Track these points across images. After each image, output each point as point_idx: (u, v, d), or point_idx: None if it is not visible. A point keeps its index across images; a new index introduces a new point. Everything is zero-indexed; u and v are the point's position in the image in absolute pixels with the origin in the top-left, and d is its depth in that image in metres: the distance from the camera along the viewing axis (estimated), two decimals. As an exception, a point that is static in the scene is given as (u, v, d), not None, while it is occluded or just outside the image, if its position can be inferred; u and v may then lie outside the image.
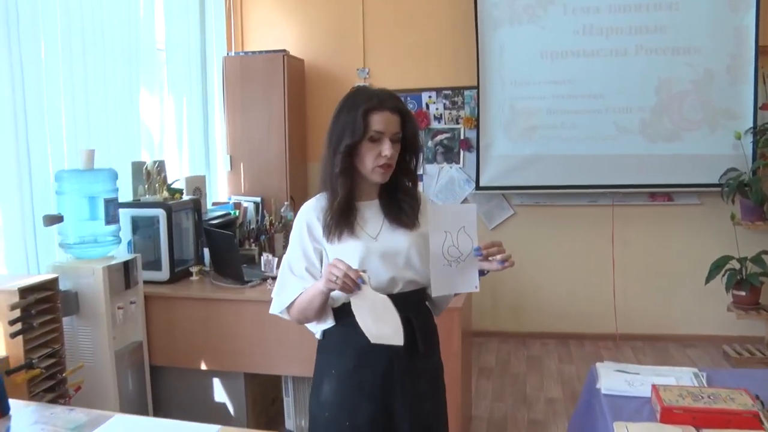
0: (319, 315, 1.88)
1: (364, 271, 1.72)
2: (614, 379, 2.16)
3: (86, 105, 3.39)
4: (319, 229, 1.89)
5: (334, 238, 1.86)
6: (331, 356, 1.92)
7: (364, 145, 1.82)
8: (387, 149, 1.81)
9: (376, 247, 1.85)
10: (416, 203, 1.93)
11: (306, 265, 1.90)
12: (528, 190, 5.18)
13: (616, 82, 4.87)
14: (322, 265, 1.91)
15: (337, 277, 1.69)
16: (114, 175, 3.19)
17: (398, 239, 1.88)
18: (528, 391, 4.22)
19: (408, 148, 1.89)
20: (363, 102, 1.82)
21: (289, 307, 1.92)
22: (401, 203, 1.91)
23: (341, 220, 1.86)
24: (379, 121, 1.81)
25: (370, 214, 1.91)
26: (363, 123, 1.80)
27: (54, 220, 2.99)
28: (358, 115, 1.80)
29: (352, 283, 1.70)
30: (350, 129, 1.82)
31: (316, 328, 1.95)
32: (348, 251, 1.84)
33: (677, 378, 2.16)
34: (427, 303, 1.98)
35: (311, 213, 1.92)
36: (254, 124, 4.90)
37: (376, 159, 1.83)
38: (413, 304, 1.90)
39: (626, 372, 2.23)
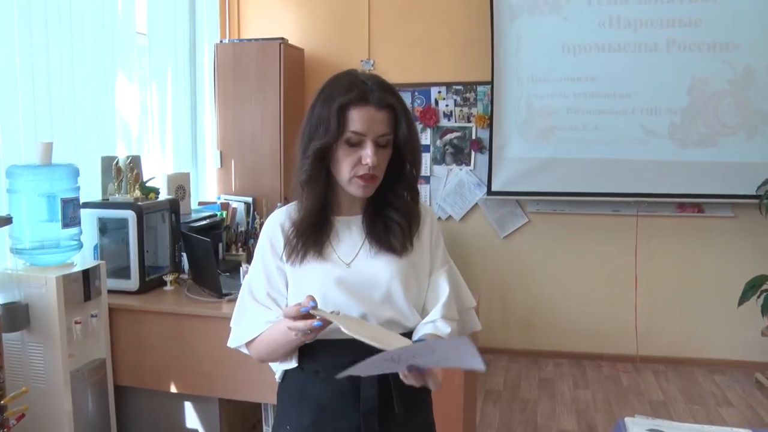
0: (289, 356, 1.51)
1: (312, 299, 1.34)
2: (649, 442, 1.75)
3: (48, 92, 3.01)
4: (282, 247, 1.51)
5: (296, 260, 1.48)
6: (287, 407, 1.55)
7: (340, 148, 1.43)
8: (369, 155, 1.41)
9: (345, 276, 1.47)
10: (410, 222, 1.53)
11: (268, 289, 1.52)
12: (544, 197, 4.76)
13: (644, 81, 4.44)
14: (288, 290, 1.52)
15: (303, 332, 1.35)
16: (74, 172, 2.83)
17: (378, 267, 1.48)
18: (539, 421, 3.80)
19: (402, 152, 1.49)
20: (340, 93, 1.42)
21: (249, 342, 1.54)
22: (389, 221, 1.51)
23: (306, 237, 1.48)
24: (359, 119, 1.41)
25: (348, 233, 1.52)
26: (338, 121, 1.40)
27: (1, 222, 2.62)
28: (332, 111, 1.41)
29: (316, 329, 1.34)
30: (323, 127, 1.42)
31: (278, 368, 1.57)
32: (309, 278, 1.46)
33: (727, 443, 1.75)
34: None
35: (276, 226, 1.54)
36: (247, 117, 4.53)
37: (355, 167, 1.43)
38: None
39: (662, 431, 1.82)
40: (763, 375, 4.36)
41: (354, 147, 1.42)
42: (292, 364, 1.51)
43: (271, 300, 1.51)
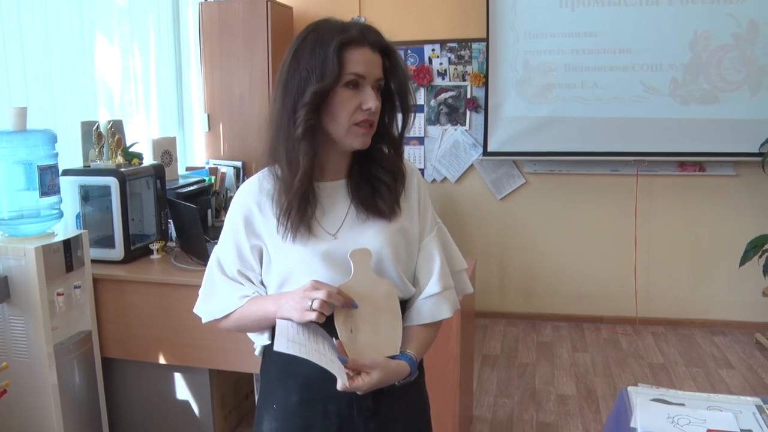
0: (260, 331, 1.44)
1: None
2: (653, 413, 1.67)
3: (21, 55, 2.87)
4: (260, 222, 1.39)
5: (287, 236, 1.35)
6: (272, 384, 1.44)
7: (339, 93, 1.29)
8: (371, 99, 1.30)
9: (332, 249, 1.35)
10: (396, 180, 1.41)
11: (239, 266, 1.42)
12: (542, 157, 4.63)
13: (644, 36, 4.29)
14: (262, 267, 1.42)
15: (313, 301, 1.26)
16: (51, 138, 2.70)
17: (366, 238, 1.37)
18: (537, 386, 3.75)
19: (392, 102, 1.38)
20: (335, 33, 1.28)
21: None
22: (375, 181, 1.39)
23: (297, 208, 1.34)
24: (359, 60, 1.29)
25: (331, 200, 1.40)
26: (338, 60, 1.27)
27: (-26, 191, 2.52)
28: (330, 51, 1.27)
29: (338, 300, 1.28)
30: (318, 71, 1.28)
31: (256, 340, 1.49)
32: (294, 254, 1.35)
33: (735, 413, 1.66)
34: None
35: (250, 200, 1.41)
36: (235, 79, 4.37)
37: (354, 113, 1.30)
38: None
39: (667, 402, 1.74)
40: (764, 336, 4.30)
41: (353, 91, 1.30)
42: (264, 339, 1.44)
43: (243, 276, 1.42)
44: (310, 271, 1.33)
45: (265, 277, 1.42)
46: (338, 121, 1.32)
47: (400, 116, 1.42)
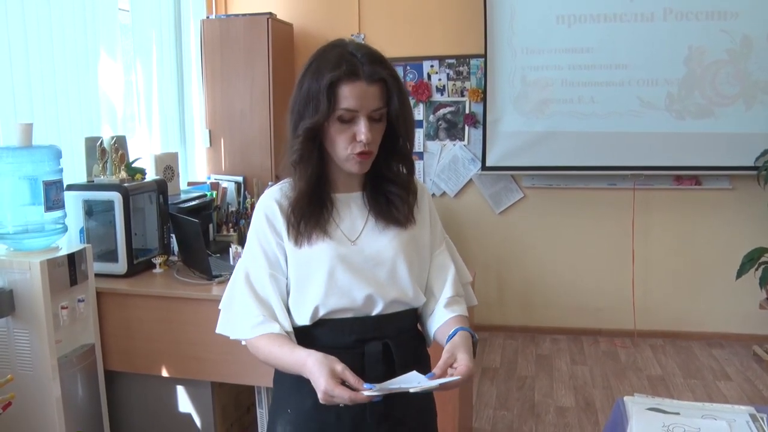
0: None
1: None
2: (649, 422, 1.70)
3: (27, 72, 2.92)
4: (281, 224, 1.45)
5: (304, 241, 1.42)
6: (286, 391, 1.49)
7: (333, 126, 1.37)
8: (363, 132, 1.36)
9: (350, 255, 1.43)
10: (408, 194, 1.49)
11: (270, 270, 1.45)
12: (540, 171, 4.68)
13: (640, 51, 4.35)
14: (288, 267, 1.46)
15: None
16: (56, 153, 2.74)
17: (383, 243, 1.45)
18: (536, 398, 3.77)
19: (396, 125, 1.43)
20: (329, 68, 1.35)
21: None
22: (389, 195, 1.47)
23: (308, 217, 1.42)
24: (350, 95, 1.34)
25: (349, 210, 1.48)
26: (328, 98, 1.34)
27: (-19, 206, 2.55)
28: (322, 88, 1.34)
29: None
30: (313, 105, 1.36)
31: None
32: (315, 257, 1.41)
33: (729, 421, 1.70)
34: (419, 326, 1.56)
35: (272, 204, 1.48)
36: (236, 95, 4.43)
37: (350, 145, 1.38)
38: (396, 329, 1.46)
39: (663, 411, 1.77)
40: (761, 348, 4.33)
41: (347, 123, 1.37)
42: None
43: (273, 281, 1.44)
44: (332, 274, 1.40)
45: (292, 281, 1.46)
46: (337, 151, 1.40)
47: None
